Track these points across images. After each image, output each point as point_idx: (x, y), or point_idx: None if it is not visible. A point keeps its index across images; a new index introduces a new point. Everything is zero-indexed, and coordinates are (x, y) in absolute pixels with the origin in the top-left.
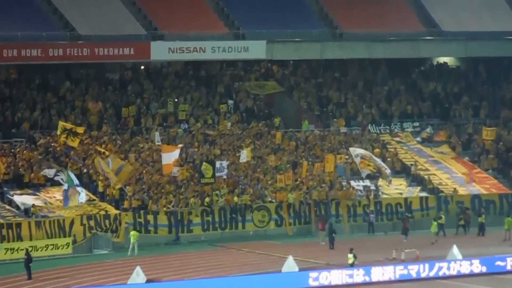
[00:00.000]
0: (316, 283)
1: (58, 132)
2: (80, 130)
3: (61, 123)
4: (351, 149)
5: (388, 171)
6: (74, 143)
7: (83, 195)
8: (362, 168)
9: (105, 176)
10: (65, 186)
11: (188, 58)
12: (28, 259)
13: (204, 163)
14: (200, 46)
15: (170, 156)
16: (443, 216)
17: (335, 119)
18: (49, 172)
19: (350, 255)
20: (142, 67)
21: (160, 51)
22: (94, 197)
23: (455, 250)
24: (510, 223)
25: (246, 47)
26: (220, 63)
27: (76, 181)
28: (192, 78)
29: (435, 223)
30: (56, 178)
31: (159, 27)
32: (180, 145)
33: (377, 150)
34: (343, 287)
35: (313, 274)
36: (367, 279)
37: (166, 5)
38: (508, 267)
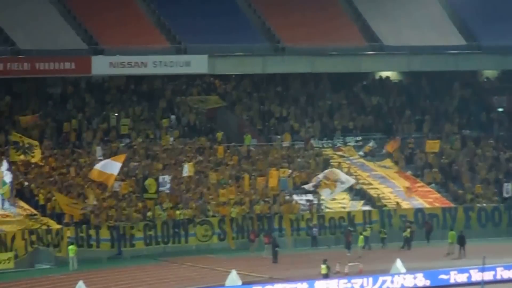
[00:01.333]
0: None
1: (12, 148)
2: (35, 142)
3: (14, 135)
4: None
5: (352, 181)
6: (35, 158)
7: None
8: (324, 188)
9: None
10: None
11: (130, 72)
12: None
13: (149, 178)
14: (142, 60)
15: (115, 167)
16: (368, 229)
17: (278, 135)
18: None
19: (323, 266)
20: (84, 82)
21: (101, 66)
22: (35, 212)
23: (398, 263)
24: (453, 237)
25: (188, 62)
26: (162, 78)
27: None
28: (134, 93)
29: (362, 236)
30: None
31: (100, 42)
32: (124, 156)
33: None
34: None
35: None
36: None
37: (106, 19)
38: (452, 281)
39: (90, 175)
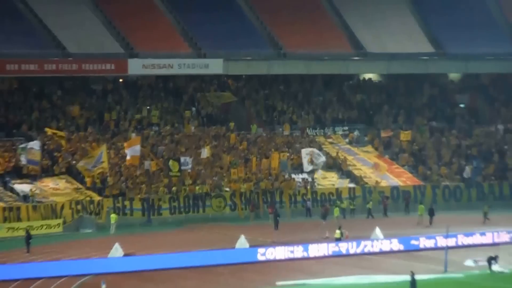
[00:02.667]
0: (263, 258)
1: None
2: (62, 134)
3: (47, 130)
4: (303, 150)
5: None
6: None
7: None
8: (308, 163)
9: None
10: None
11: (159, 72)
12: (28, 236)
13: (171, 160)
14: (169, 63)
15: (135, 149)
16: (344, 202)
17: (279, 125)
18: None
19: (338, 231)
20: (121, 80)
21: (136, 67)
22: (81, 186)
23: (377, 231)
24: (422, 210)
25: (206, 64)
26: (185, 77)
27: None
28: (162, 89)
29: (337, 208)
30: None
31: (135, 47)
32: (138, 137)
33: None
34: (285, 261)
35: (261, 250)
36: (306, 254)
37: (140, 29)
38: (421, 246)
39: (127, 162)
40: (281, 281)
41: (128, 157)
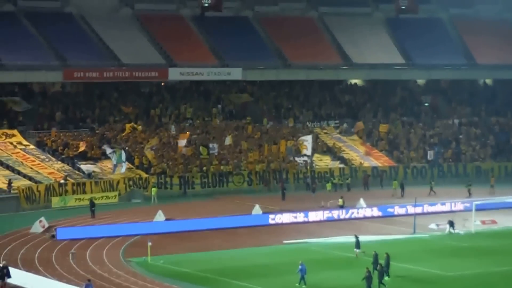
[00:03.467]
0: (273, 222)
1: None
2: (138, 127)
3: (128, 125)
4: (301, 138)
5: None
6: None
7: (124, 168)
8: (302, 148)
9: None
10: (114, 161)
11: (192, 78)
12: (92, 205)
13: (201, 146)
14: (200, 71)
15: (183, 141)
16: (336, 178)
17: (285, 119)
18: (108, 150)
19: (341, 200)
20: (163, 84)
21: (175, 74)
22: (132, 166)
23: (361, 201)
24: (396, 185)
25: (229, 72)
26: (212, 82)
27: (123, 159)
28: (195, 92)
29: (329, 183)
30: (109, 155)
31: (174, 59)
32: (188, 133)
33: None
34: (290, 225)
35: (272, 216)
36: (306, 219)
37: (178, 44)
38: (396, 213)
39: (179, 149)
40: (287, 240)
41: (179, 145)
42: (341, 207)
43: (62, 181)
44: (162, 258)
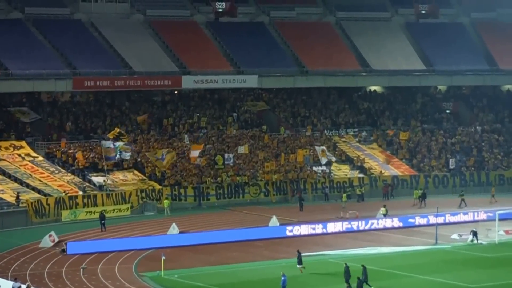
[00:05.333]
0: (291, 234)
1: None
2: (125, 138)
3: (117, 130)
4: (316, 147)
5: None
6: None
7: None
8: (321, 157)
9: (154, 164)
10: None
11: (206, 86)
12: (102, 217)
13: (217, 155)
14: (214, 79)
15: (196, 151)
16: (350, 189)
17: (303, 128)
18: (106, 143)
19: (383, 209)
20: (176, 92)
21: (188, 82)
22: (144, 177)
23: (381, 211)
24: (417, 194)
25: (244, 79)
26: (227, 90)
27: (118, 155)
28: (209, 100)
29: (345, 194)
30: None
31: (187, 66)
32: (202, 145)
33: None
34: (308, 236)
35: (289, 227)
36: (325, 231)
37: (192, 52)
38: (416, 223)
39: (192, 160)
40: (305, 252)
41: (191, 156)
42: (384, 215)
43: (81, 193)
44: (176, 272)
